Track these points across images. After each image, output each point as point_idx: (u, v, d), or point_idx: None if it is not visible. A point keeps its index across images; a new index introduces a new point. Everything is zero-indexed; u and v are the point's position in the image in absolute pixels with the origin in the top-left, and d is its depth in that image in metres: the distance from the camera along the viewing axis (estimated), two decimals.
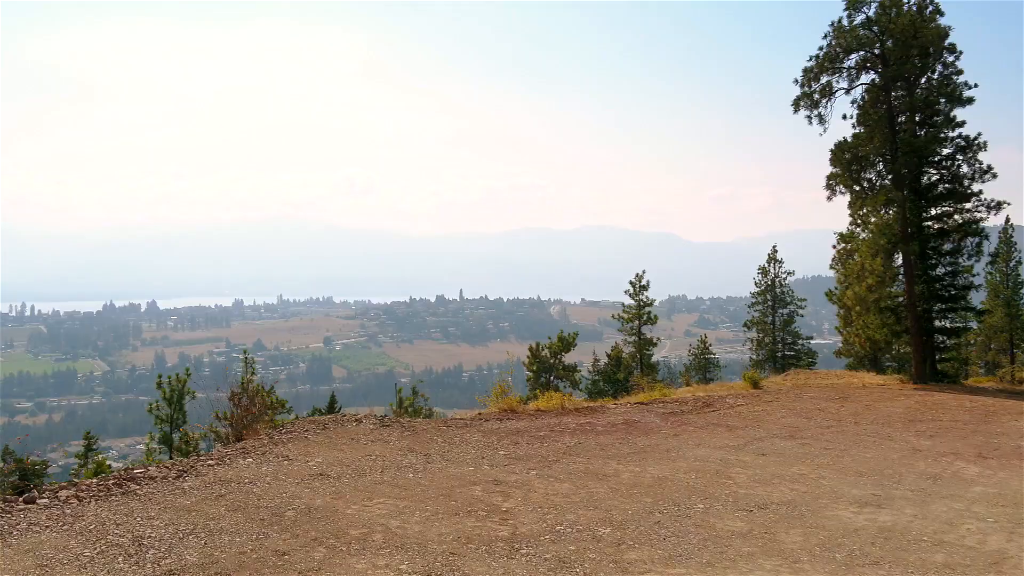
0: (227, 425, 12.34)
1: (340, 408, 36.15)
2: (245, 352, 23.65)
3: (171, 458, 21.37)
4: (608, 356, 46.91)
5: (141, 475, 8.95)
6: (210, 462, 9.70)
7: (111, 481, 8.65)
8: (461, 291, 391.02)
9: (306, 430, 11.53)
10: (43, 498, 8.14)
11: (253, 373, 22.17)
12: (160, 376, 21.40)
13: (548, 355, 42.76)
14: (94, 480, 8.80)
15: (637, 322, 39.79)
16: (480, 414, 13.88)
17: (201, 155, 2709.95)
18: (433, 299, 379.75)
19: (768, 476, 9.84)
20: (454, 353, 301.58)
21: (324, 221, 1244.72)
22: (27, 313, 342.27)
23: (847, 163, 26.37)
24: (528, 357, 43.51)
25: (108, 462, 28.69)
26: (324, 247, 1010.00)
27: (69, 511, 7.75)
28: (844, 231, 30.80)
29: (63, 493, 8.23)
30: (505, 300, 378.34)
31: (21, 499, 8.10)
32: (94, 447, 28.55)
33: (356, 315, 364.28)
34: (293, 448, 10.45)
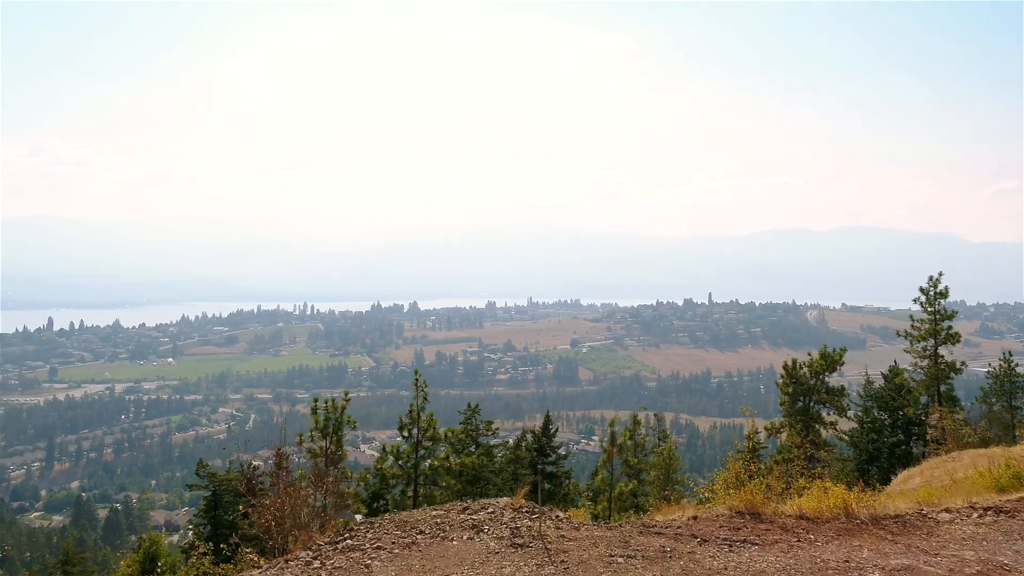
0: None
1: (556, 430, 31.72)
2: (417, 374, 19.59)
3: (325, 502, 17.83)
4: (884, 377, 38.19)
5: None
6: None
7: None
8: (710, 295, 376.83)
9: (379, 546, 6.65)
10: None
11: (426, 400, 17.97)
12: (315, 401, 17.82)
13: (807, 374, 35.22)
14: None
15: (932, 340, 31.04)
16: (696, 519, 8.14)
17: (460, 163, 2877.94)
18: (681, 303, 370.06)
19: None
20: (702, 358, 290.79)
21: (575, 226, 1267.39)
22: (308, 312, 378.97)
23: None
24: (782, 376, 36.17)
25: None
26: (574, 251, 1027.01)
27: None
28: None
29: None
30: (757, 304, 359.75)
31: None
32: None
33: (603, 318, 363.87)
34: None
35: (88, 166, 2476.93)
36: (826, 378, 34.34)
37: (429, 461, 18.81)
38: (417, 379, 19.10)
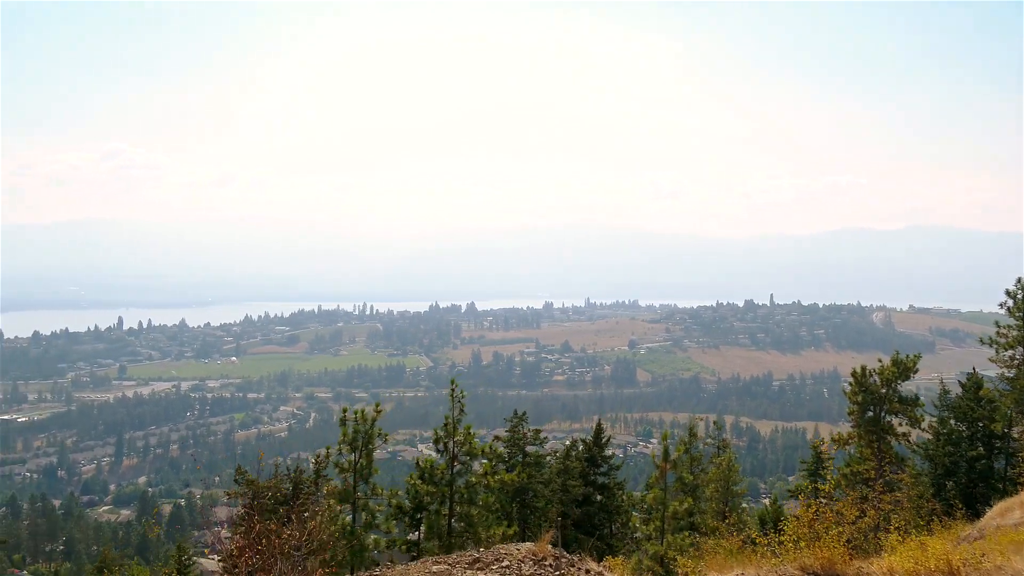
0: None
1: (608, 439, 30.32)
2: (453, 383, 18.43)
3: (353, 520, 16.64)
4: (963, 386, 35.65)
5: None
6: None
7: None
8: (771, 296, 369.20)
9: None
10: None
11: (462, 411, 16.81)
12: (344, 410, 16.80)
13: (878, 382, 33.04)
14: None
15: (1021, 348, 28.67)
16: None
17: (516, 163, 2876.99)
18: (741, 304, 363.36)
19: None
20: (763, 360, 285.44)
21: (633, 226, 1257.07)
22: (367, 312, 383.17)
23: None
24: (850, 384, 34.06)
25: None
26: (632, 251, 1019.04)
27: None
28: None
29: None
30: (820, 306, 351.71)
31: None
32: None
33: (661, 319, 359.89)
34: None
35: (157, 169, 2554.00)
36: (898, 386, 32.19)
37: (466, 477, 17.68)
38: (453, 389, 17.92)
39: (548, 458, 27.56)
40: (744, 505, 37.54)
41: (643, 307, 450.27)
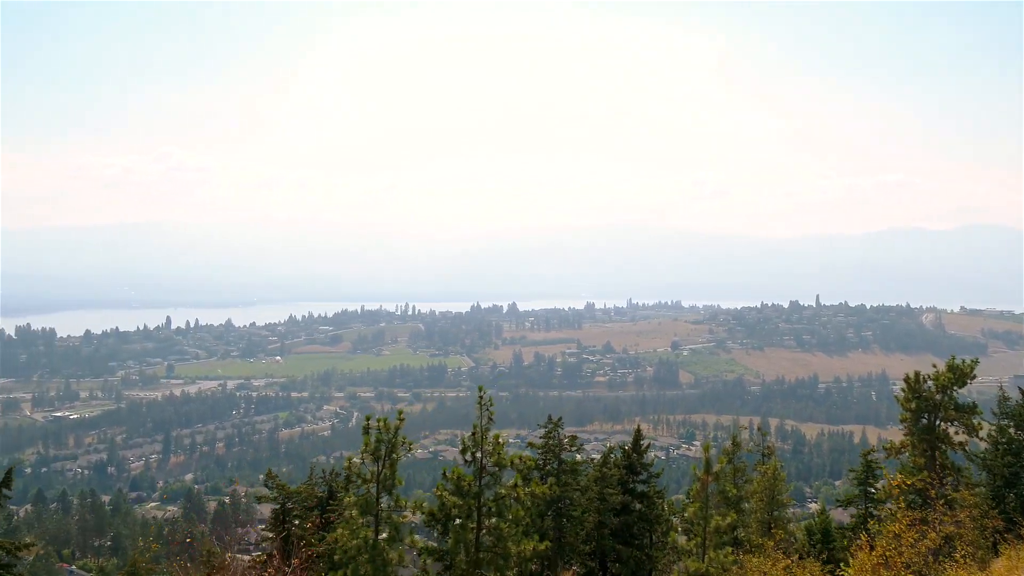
0: None
1: (647, 446, 29.36)
2: (481, 390, 17.70)
3: (376, 533, 16.00)
4: (1023, 392, 34.01)
5: None
6: None
7: None
8: (817, 297, 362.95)
9: None
10: None
11: (491, 419, 16.13)
12: (368, 419, 16.21)
13: (933, 389, 31.64)
14: None
15: None
16: None
17: (558, 164, 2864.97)
18: (786, 305, 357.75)
19: None
20: (808, 362, 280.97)
21: (677, 226, 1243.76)
22: (409, 312, 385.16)
23: None
24: (903, 390, 32.69)
25: None
26: (675, 252, 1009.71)
27: None
28: None
29: None
30: (868, 307, 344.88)
31: None
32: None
33: (705, 320, 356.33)
34: None
35: (205, 172, 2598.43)
36: (954, 393, 30.77)
37: (495, 489, 17.02)
38: (481, 396, 17.16)
39: (585, 464, 26.80)
40: (790, 510, 36.33)
41: (686, 308, 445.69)
